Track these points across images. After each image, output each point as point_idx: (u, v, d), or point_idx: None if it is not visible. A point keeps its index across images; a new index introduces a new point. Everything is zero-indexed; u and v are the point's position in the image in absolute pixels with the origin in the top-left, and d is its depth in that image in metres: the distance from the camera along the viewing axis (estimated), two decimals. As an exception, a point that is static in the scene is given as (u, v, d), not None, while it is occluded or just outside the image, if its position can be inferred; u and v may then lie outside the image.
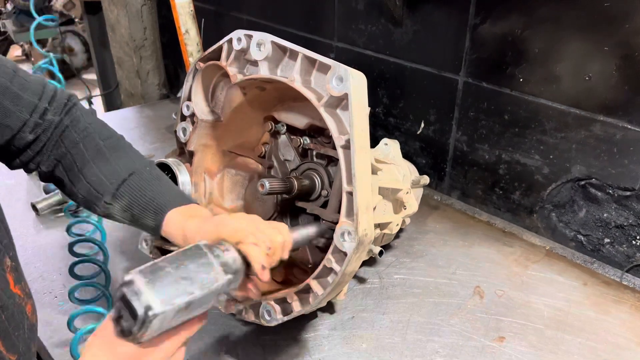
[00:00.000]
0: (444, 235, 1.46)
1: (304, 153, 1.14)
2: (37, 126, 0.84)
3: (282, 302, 0.98)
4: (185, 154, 1.18)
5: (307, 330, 1.12)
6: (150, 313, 0.62)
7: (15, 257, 0.80)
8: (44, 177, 0.93)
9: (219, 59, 1.06)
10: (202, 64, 1.09)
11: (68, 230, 1.18)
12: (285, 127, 1.14)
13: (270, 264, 0.79)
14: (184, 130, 1.15)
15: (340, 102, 0.89)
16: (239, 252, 0.75)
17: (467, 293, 1.23)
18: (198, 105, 1.13)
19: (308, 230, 0.97)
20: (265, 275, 0.77)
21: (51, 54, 1.80)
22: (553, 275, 1.30)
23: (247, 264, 0.76)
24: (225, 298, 0.94)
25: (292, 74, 0.94)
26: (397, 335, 1.11)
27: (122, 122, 2.18)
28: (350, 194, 0.87)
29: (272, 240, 0.80)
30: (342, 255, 0.89)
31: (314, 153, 1.12)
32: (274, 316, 0.97)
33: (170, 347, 0.69)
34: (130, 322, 0.64)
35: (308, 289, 0.95)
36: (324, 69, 0.91)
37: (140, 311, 0.62)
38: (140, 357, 0.66)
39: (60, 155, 0.88)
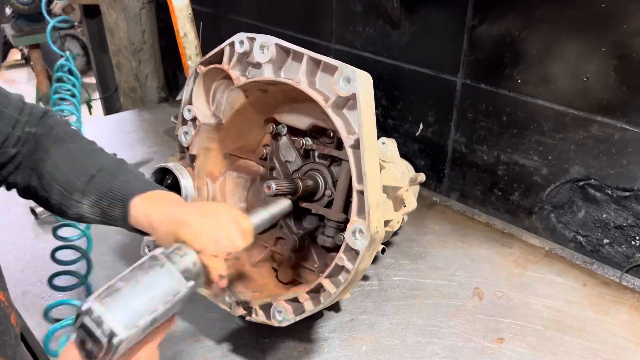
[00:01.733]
0: (443, 237, 1.46)
1: (305, 154, 1.15)
2: (19, 140, 0.86)
3: (294, 302, 0.98)
4: (186, 158, 1.18)
5: (307, 333, 1.12)
6: (114, 340, 0.61)
7: None
8: (23, 193, 0.92)
9: (220, 62, 1.06)
10: (203, 68, 1.09)
11: (54, 233, 1.19)
12: (286, 129, 1.15)
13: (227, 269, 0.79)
14: (186, 134, 1.15)
15: (347, 102, 0.90)
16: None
17: (467, 294, 1.23)
18: (200, 108, 1.13)
19: (270, 212, 0.96)
20: (223, 283, 0.78)
21: (67, 52, 1.84)
22: (552, 276, 1.30)
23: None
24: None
25: (297, 76, 0.95)
26: (396, 337, 1.11)
27: (121, 125, 2.18)
28: (361, 192, 0.88)
29: (233, 246, 0.80)
30: (353, 253, 0.90)
31: (316, 154, 1.12)
32: (285, 316, 0.97)
33: (144, 357, 0.69)
34: (95, 347, 0.63)
35: (319, 288, 0.95)
36: (329, 69, 0.92)
37: (104, 340, 0.61)
38: None
39: (34, 164, 0.87)
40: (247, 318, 1.04)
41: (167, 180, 1.18)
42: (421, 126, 1.63)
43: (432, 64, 1.53)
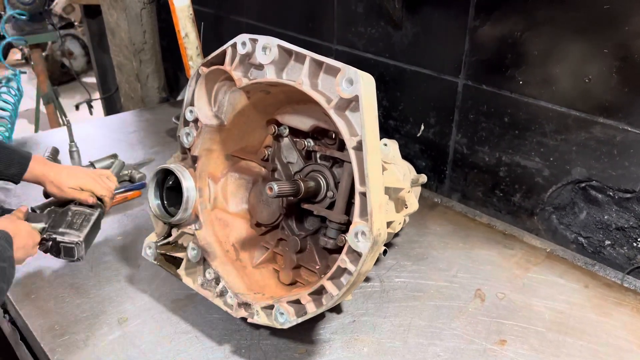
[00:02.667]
0: (445, 238, 1.45)
1: (307, 155, 1.15)
2: None
3: (295, 303, 0.98)
4: (187, 159, 1.18)
5: (309, 335, 1.12)
6: (80, 242, 1.18)
7: None
8: None
9: (222, 63, 1.06)
10: (205, 69, 1.09)
11: None
12: (288, 130, 1.14)
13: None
14: (188, 135, 1.15)
15: (349, 104, 0.90)
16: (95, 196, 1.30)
17: (468, 296, 1.23)
18: (202, 110, 1.13)
19: None
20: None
21: (17, 70, 2.02)
22: (554, 278, 1.30)
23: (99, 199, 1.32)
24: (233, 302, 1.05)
25: (300, 77, 0.94)
26: (398, 339, 1.11)
27: (122, 125, 2.18)
28: (363, 194, 0.88)
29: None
30: (356, 255, 0.89)
31: (318, 155, 1.12)
32: (287, 318, 0.97)
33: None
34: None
35: (321, 290, 0.95)
36: (332, 71, 0.91)
37: (77, 254, 1.18)
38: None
39: None
40: (249, 320, 1.03)
41: (168, 181, 1.18)
42: (422, 127, 1.63)
43: (434, 65, 1.53)
